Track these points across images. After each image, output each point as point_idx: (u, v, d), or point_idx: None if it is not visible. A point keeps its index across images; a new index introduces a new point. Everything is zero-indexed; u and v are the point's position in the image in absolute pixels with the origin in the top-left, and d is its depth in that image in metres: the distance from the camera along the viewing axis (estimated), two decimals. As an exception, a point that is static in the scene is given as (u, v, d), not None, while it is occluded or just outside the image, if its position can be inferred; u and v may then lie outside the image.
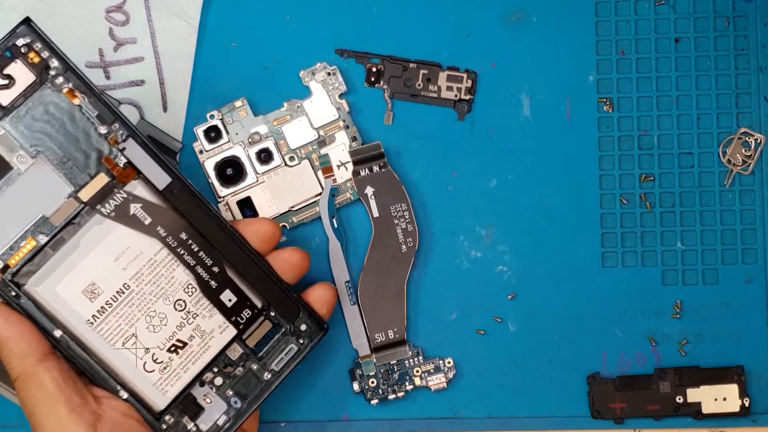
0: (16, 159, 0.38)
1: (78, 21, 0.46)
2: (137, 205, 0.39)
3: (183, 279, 0.40)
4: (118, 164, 0.39)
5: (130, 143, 0.39)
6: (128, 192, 0.39)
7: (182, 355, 0.40)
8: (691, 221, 0.46)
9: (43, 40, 0.38)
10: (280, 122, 0.46)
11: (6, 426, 0.46)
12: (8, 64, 0.38)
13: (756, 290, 0.46)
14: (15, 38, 0.38)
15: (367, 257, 0.46)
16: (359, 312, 0.46)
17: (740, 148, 0.46)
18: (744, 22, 0.46)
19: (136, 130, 0.39)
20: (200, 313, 0.40)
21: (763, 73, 0.46)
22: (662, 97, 0.46)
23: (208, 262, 0.40)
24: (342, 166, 0.46)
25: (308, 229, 0.46)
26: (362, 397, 0.46)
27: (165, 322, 0.40)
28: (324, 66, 0.46)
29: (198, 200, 0.40)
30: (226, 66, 0.47)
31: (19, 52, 0.38)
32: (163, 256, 0.39)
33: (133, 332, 0.39)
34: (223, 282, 0.40)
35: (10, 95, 0.38)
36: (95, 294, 0.39)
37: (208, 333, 0.40)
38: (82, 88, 0.38)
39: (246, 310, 0.40)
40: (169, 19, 0.46)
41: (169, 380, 0.40)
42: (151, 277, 0.39)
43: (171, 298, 0.40)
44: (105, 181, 0.39)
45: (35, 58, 0.38)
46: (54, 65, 0.38)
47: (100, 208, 0.39)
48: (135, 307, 0.39)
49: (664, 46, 0.46)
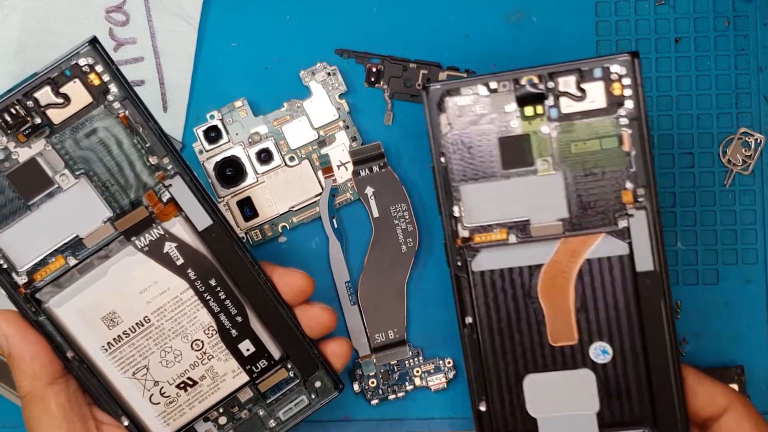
0: (59, 177, 0.37)
1: (78, 21, 0.46)
2: (172, 244, 0.38)
3: (205, 320, 0.39)
4: (160, 200, 0.38)
5: (177, 180, 0.38)
6: (166, 230, 0.38)
7: (190, 393, 0.40)
8: (691, 221, 0.46)
9: (107, 64, 0.37)
10: (280, 122, 0.46)
11: (6, 426, 0.46)
12: (66, 83, 0.36)
13: (756, 290, 0.46)
14: (78, 58, 0.36)
15: (367, 257, 0.46)
16: (359, 312, 0.46)
17: (740, 148, 0.46)
18: (744, 22, 0.46)
19: (187, 168, 0.38)
20: (216, 355, 0.40)
21: (763, 73, 0.46)
22: (662, 97, 0.46)
23: (232, 311, 0.39)
24: (342, 166, 0.46)
25: (308, 229, 0.46)
26: (362, 397, 0.46)
27: (179, 359, 0.39)
28: (324, 66, 0.46)
29: (235, 246, 0.39)
30: (226, 66, 0.47)
31: (80, 72, 0.37)
32: (189, 296, 0.39)
33: (146, 364, 0.39)
34: (244, 332, 0.40)
35: (63, 114, 0.37)
36: (114, 322, 0.38)
37: (220, 375, 0.40)
38: (139, 118, 0.37)
39: (263, 360, 0.40)
40: (169, 19, 0.46)
41: (172, 414, 0.40)
42: (174, 314, 0.39)
43: (190, 336, 0.39)
44: (144, 215, 0.38)
45: (95, 80, 0.37)
46: (113, 91, 0.37)
47: (134, 240, 0.38)
48: (152, 341, 0.39)
49: (664, 46, 0.47)
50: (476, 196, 0.38)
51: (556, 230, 0.38)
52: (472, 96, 0.38)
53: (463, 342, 0.39)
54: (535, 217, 0.38)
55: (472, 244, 0.39)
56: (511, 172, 0.38)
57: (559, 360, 0.39)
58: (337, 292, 0.46)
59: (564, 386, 0.39)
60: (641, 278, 0.38)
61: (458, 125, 0.38)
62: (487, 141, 0.38)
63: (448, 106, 0.38)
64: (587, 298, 0.38)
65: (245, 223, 0.46)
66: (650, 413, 0.39)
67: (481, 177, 0.38)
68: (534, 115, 0.38)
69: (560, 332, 0.39)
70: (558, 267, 0.38)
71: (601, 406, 0.39)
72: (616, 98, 0.37)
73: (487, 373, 0.39)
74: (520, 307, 0.39)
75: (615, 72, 0.37)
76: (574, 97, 0.37)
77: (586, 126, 0.38)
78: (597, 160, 0.38)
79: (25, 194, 0.37)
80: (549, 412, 0.39)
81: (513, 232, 0.38)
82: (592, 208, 0.38)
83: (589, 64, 0.37)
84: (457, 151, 0.38)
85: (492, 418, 0.40)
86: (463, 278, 0.39)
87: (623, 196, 0.38)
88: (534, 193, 0.38)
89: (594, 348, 0.39)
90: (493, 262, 0.39)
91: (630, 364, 0.39)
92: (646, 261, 0.38)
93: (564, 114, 0.38)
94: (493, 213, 0.38)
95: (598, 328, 0.38)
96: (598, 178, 0.38)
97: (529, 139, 0.38)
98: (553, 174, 0.38)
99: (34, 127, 0.36)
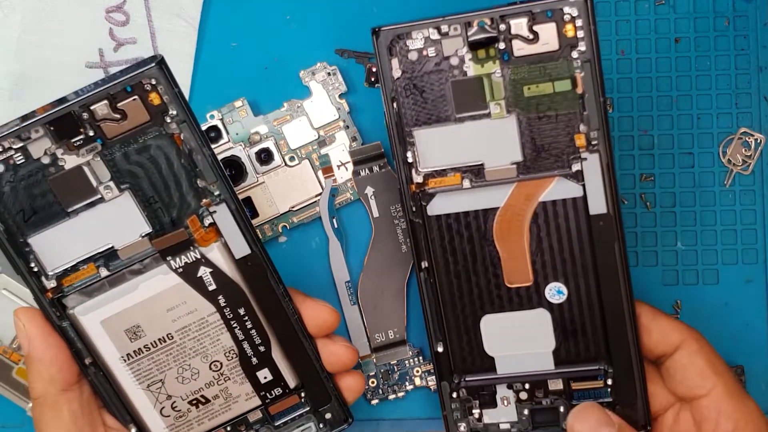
0: (103, 188, 0.36)
1: (78, 21, 0.46)
2: (207, 270, 0.38)
3: (227, 344, 0.39)
4: (202, 224, 0.37)
5: (222, 207, 0.37)
6: (203, 254, 0.38)
7: (201, 410, 0.40)
8: (691, 221, 0.46)
9: (170, 85, 0.36)
10: (280, 122, 0.46)
11: (6, 426, 0.46)
12: (125, 100, 0.36)
13: (756, 290, 0.46)
14: (143, 77, 0.35)
15: (367, 257, 0.46)
16: (359, 312, 0.46)
17: (740, 148, 0.46)
18: (744, 22, 0.46)
19: (234, 196, 0.37)
20: (233, 377, 0.39)
21: (763, 73, 0.46)
22: (662, 97, 0.46)
23: (257, 340, 0.39)
24: (342, 166, 0.46)
25: (308, 229, 0.46)
26: (362, 397, 0.46)
27: (195, 377, 0.39)
28: (324, 66, 0.46)
29: (270, 277, 0.38)
30: (226, 66, 0.47)
31: (142, 90, 0.36)
32: (215, 319, 0.38)
33: (162, 378, 0.39)
34: (264, 361, 0.39)
35: (117, 130, 0.36)
36: (137, 336, 0.38)
37: (233, 397, 0.40)
38: (194, 143, 0.36)
39: (278, 388, 0.40)
40: (169, 19, 0.46)
41: (180, 428, 0.40)
42: (197, 334, 0.39)
43: (210, 357, 0.39)
44: (183, 237, 0.37)
45: (156, 100, 0.36)
46: (172, 113, 0.36)
47: (170, 260, 0.38)
48: (171, 357, 0.39)
49: (664, 46, 0.47)
50: (430, 141, 0.38)
51: (510, 174, 0.38)
52: (423, 39, 0.37)
53: (420, 286, 0.40)
54: (489, 161, 0.38)
55: (426, 189, 0.39)
56: (464, 116, 0.38)
57: (515, 301, 0.39)
58: (337, 292, 0.46)
59: (520, 326, 0.39)
60: (594, 220, 0.38)
61: (410, 69, 0.38)
62: (440, 85, 0.38)
63: (398, 50, 0.38)
64: (542, 240, 0.38)
65: (245, 223, 0.46)
66: (605, 350, 0.39)
67: (434, 121, 0.38)
68: (486, 57, 0.37)
69: (516, 274, 0.39)
70: (513, 210, 0.38)
71: (557, 344, 0.39)
72: (569, 40, 0.37)
73: (444, 315, 0.40)
74: (476, 250, 0.39)
75: (568, 13, 0.36)
76: (526, 39, 0.37)
77: (539, 69, 0.37)
78: (550, 103, 0.37)
79: (66, 200, 0.36)
80: (506, 350, 0.40)
81: (467, 176, 0.38)
82: (546, 151, 0.38)
83: (541, 6, 0.36)
84: (410, 96, 0.38)
85: (450, 358, 0.40)
86: (418, 223, 0.39)
87: (576, 140, 0.37)
88: (488, 137, 0.38)
89: (549, 288, 0.39)
90: (448, 207, 0.39)
91: (585, 304, 0.39)
92: (599, 204, 0.38)
93: (517, 57, 0.37)
94: (447, 157, 0.38)
95: (553, 270, 0.39)
96: (551, 121, 0.37)
97: (482, 82, 0.37)
98: (507, 117, 0.37)
99: (86, 139, 0.36)
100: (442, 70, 0.38)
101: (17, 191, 0.36)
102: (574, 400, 0.40)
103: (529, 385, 0.40)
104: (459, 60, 0.37)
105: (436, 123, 0.38)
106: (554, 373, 0.40)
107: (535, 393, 0.40)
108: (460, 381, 0.40)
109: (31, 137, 0.36)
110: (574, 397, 0.40)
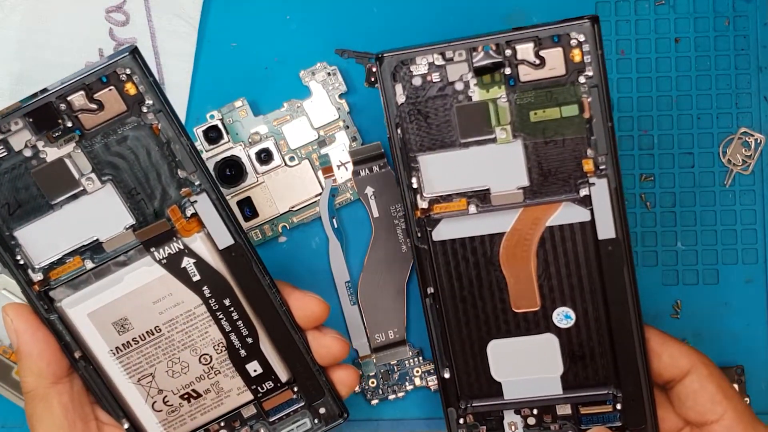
0: (85, 180, 0.37)
1: (78, 21, 0.46)
2: (190, 260, 0.38)
3: (216, 336, 0.39)
4: (184, 215, 0.37)
5: (203, 197, 0.37)
6: (186, 245, 0.38)
7: (193, 405, 0.40)
8: (691, 221, 0.46)
9: (145, 75, 0.36)
10: (280, 122, 0.46)
11: (6, 426, 0.46)
12: (101, 90, 0.36)
13: (756, 290, 0.46)
14: (116, 66, 0.36)
15: (367, 257, 0.46)
16: (359, 312, 0.46)
17: (740, 148, 0.46)
18: (744, 22, 0.46)
19: (215, 185, 0.37)
20: (223, 371, 0.39)
21: (763, 73, 0.46)
22: (662, 97, 0.46)
23: (243, 332, 0.39)
24: (342, 166, 0.46)
25: (308, 229, 0.46)
26: (362, 397, 0.46)
27: (186, 371, 0.39)
28: (324, 66, 0.46)
29: (254, 268, 0.38)
30: (226, 66, 0.47)
31: (117, 80, 0.36)
32: (202, 311, 0.38)
33: (152, 372, 0.39)
34: (253, 353, 0.39)
35: (95, 120, 0.36)
36: (125, 329, 0.38)
37: (225, 391, 0.40)
38: (172, 132, 0.37)
39: (269, 382, 0.40)
40: (169, 19, 0.46)
41: (173, 423, 0.40)
42: (185, 327, 0.39)
43: (199, 350, 0.39)
44: (165, 228, 0.37)
45: (132, 90, 0.36)
46: (148, 103, 0.36)
47: (153, 251, 0.38)
48: (160, 350, 0.39)
49: (664, 46, 0.47)
50: (435, 167, 0.38)
51: (516, 199, 0.38)
52: (427, 65, 0.37)
53: (426, 311, 0.39)
54: (495, 186, 0.38)
55: (432, 214, 0.38)
56: (469, 141, 0.38)
57: (523, 326, 0.39)
58: (337, 292, 0.46)
59: (528, 350, 0.39)
60: (603, 245, 0.38)
61: (414, 95, 0.38)
62: (445, 110, 0.38)
63: (402, 76, 0.38)
64: (549, 265, 0.38)
65: (245, 223, 0.46)
66: (614, 374, 0.39)
67: (439, 147, 0.38)
68: (492, 82, 0.37)
69: (523, 299, 0.39)
70: (519, 235, 0.38)
71: (566, 368, 0.39)
72: (576, 65, 0.36)
73: (451, 341, 0.40)
74: (482, 275, 0.39)
75: (574, 38, 0.36)
76: (532, 65, 0.37)
77: (545, 94, 0.37)
78: (557, 128, 0.37)
79: (50, 193, 0.37)
80: (513, 375, 0.40)
81: (473, 201, 0.38)
82: (553, 175, 0.37)
83: (548, 31, 0.36)
84: (414, 121, 0.38)
85: (457, 384, 0.40)
86: (424, 249, 0.39)
87: (584, 165, 0.37)
88: (494, 162, 0.37)
89: (557, 313, 0.39)
90: (454, 232, 0.38)
91: (593, 328, 0.39)
92: (608, 229, 0.37)
93: (522, 82, 0.37)
94: (453, 183, 0.38)
95: (561, 294, 0.39)
96: (558, 146, 0.37)
97: (488, 107, 0.37)
98: (513, 142, 0.37)
99: (64, 129, 0.36)
100: (446, 95, 0.37)
101: (1, 184, 0.36)
102: (582, 425, 0.40)
103: (537, 410, 0.40)
104: (464, 85, 0.37)
105: (440, 148, 0.38)
106: (562, 398, 0.39)
107: (544, 418, 0.40)
108: (467, 407, 0.40)
109: (11, 129, 0.36)
110: (583, 421, 0.40)
